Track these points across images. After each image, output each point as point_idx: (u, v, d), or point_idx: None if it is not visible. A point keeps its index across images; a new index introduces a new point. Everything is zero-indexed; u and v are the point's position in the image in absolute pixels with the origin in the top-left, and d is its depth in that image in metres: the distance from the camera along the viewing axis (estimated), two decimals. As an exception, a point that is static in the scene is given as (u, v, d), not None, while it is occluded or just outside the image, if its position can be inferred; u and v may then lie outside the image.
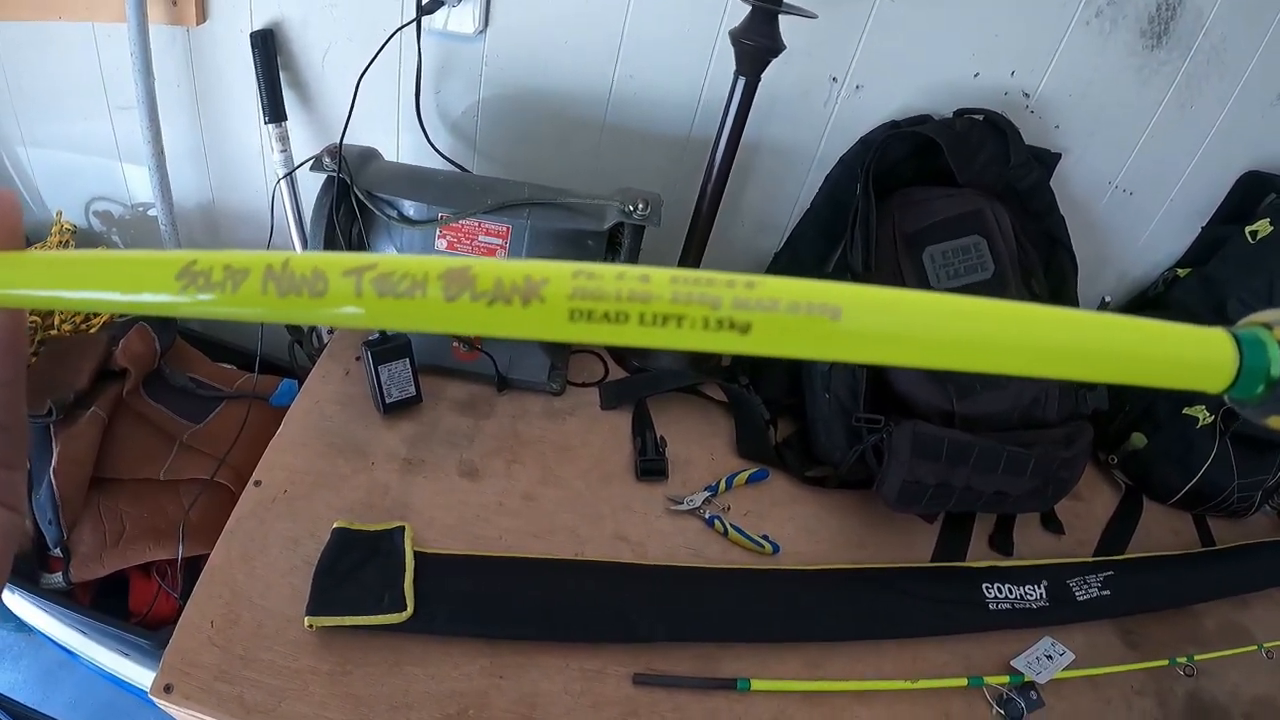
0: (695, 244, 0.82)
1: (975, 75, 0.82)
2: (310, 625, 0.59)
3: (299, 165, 0.88)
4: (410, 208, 0.73)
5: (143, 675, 0.95)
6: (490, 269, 0.16)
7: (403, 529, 0.65)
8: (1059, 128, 0.85)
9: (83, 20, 0.88)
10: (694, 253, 0.83)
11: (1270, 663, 0.74)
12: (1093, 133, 0.85)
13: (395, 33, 0.77)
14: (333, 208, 0.72)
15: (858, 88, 0.83)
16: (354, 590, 0.61)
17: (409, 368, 0.74)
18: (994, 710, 0.65)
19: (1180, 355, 0.18)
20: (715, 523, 0.73)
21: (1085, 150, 0.87)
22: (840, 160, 0.85)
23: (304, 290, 0.16)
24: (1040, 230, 0.84)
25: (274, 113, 0.87)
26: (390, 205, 0.73)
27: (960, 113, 0.82)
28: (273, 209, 0.82)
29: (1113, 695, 0.69)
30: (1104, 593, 0.75)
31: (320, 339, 0.93)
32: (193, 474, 0.85)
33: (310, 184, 0.74)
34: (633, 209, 0.70)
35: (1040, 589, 0.74)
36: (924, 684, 0.65)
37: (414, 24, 0.78)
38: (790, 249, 0.91)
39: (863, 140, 0.84)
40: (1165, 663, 0.71)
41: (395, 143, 0.92)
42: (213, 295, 0.16)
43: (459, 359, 0.80)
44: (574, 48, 0.82)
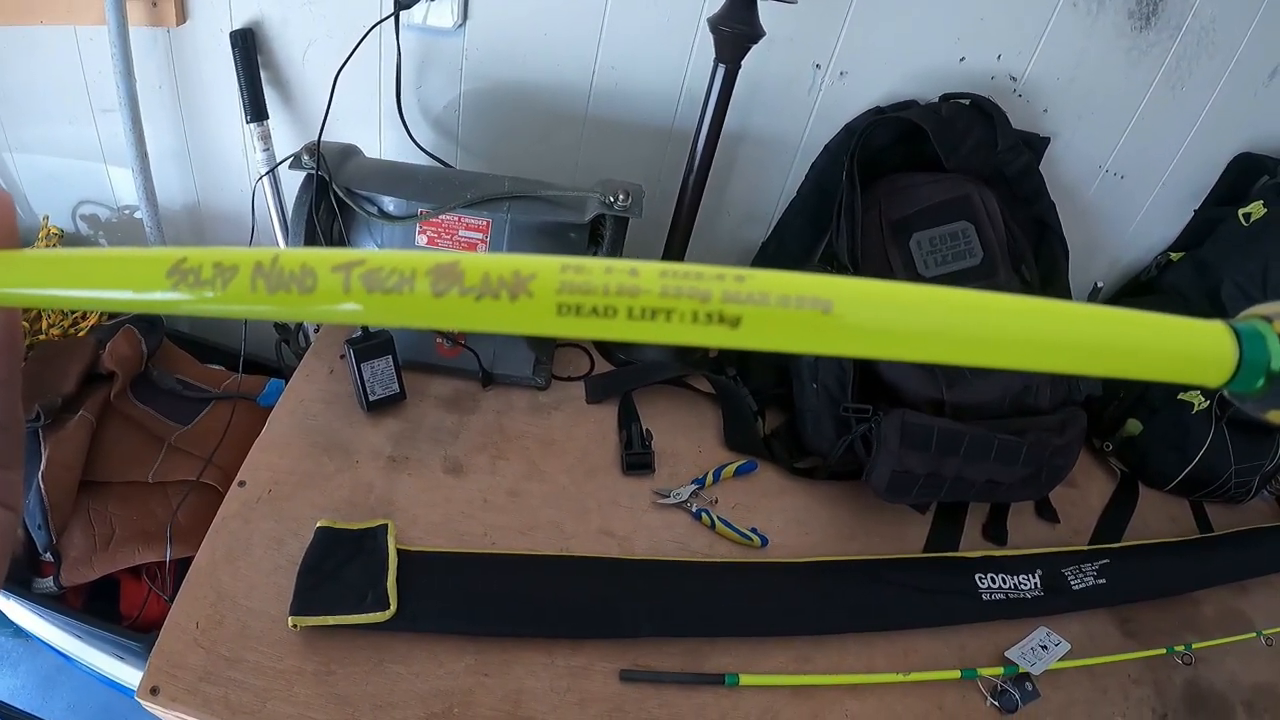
0: (679, 236, 0.81)
1: (961, 60, 0.81)
2: (294, 625, 0.58)
3: (278, 164, 0.88)
4: (390, 204, 0.73)
5: (137, 678, 0.94)
6: (478, 264, 0.16)
7: (385, 527, 0.65)
8: (1047, 111, 0.84)
9: (64, 24, 0.87)
10: (678, 244, 0.82)
11: (1269, 650, 0.73)
12: (1082, 116, 0.84)
13: (372, 28, 0.77)
14: (312, 205, 0.71)
15: (842, 74, 0.82)
16: (337, 590, 0.61)
17: (392, 365, 0.74)
18: (988, 702, 0.65)
19: (1178, 349, 0.17)
20: (703, 516, 0.73)
21: (1075, 134, 0.85)
22: (825, 148, 0.84)
23: (293, 286, 0.16)
24: (1030, 216, 0.83)
25: (255, 112, 0.87)
26: (370, 202, 0.73)
27: (946, 97, 0.81)
28: (254, 208, 0.81)
29: (1109, 685, 0.68)
30: (1100, 581, 0.74)
31: (307, 338, 0.93)
32: (181, 476, 0.85)
33: (294, 183, 0.74)
34: (613, 200, 0.69)
35: (1035, 578, 0.73)
36: (916, 676, 0.64)
37: (392, 19, 0.77)
38: (777, 239, 0.90)
39: (847, 127, 0.83)
40: (1163, 651, 0.70)
41: (378, 139, 0.91)
42: (202, 292, 0.16)
43: (443, 355, 0.80)
44: (554, 39, 0.82)
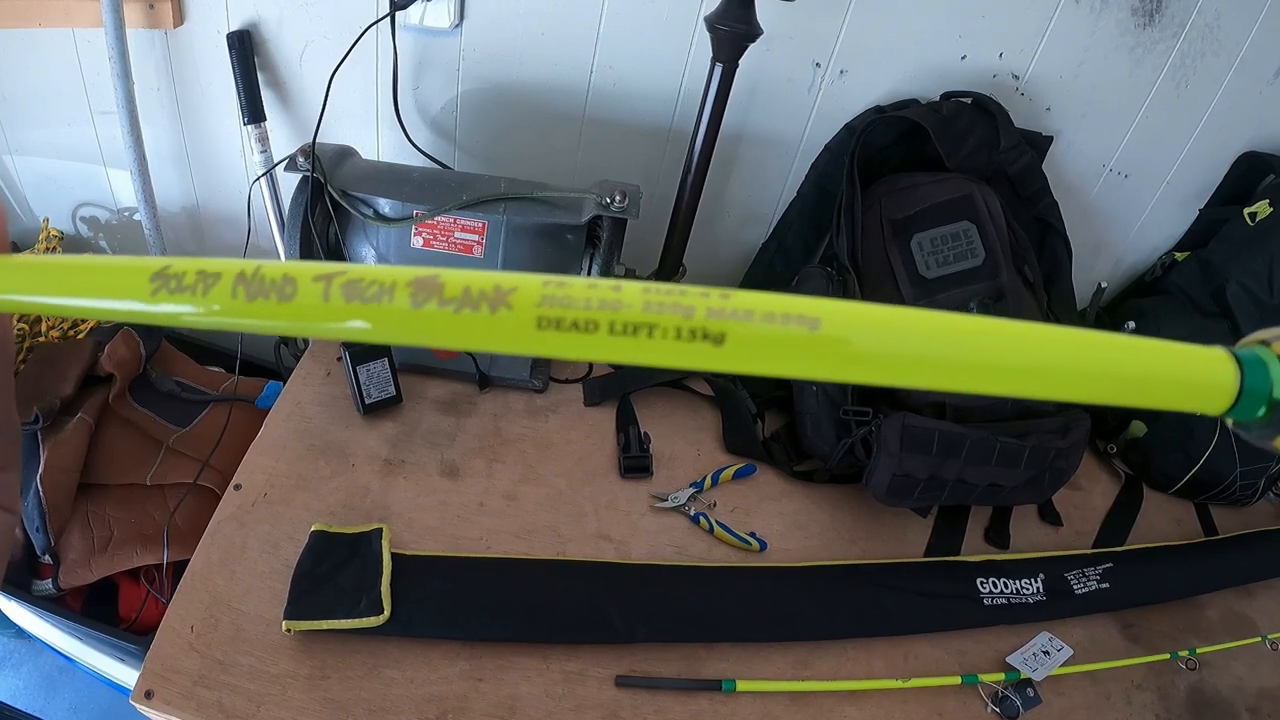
0: (677, 237, 0.81)
1: (963, 58, 0.80)
2: (288, 630, 0.58)
3: (274, 165, 0.87)
4: (386, 205, 0.72)
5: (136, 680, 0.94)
6: (459, 277, 0.16)
7: (380, 531, 0.65)
8: (1050, 110, 0.83)
9: (62, 26, 0.87)
10: (676, 245, 0.81)
11: (1275, 654, 0.72)
12: (1085, 115, 0.83)
13: (368, 29, 0.76)
14: (308, 208, 0.71)
15: (842, 73, 0.81)
16: (332, 594, 0.60)
17: (388, 368, 0.74)
18: (989, 708, 0.64)
19: (1178, 376, 0.17)
20: (700, 520, 0.72)
21: (1078, 133, 0.84)
22: (825, 148, 0.84)
23: (272, 294, 0.16)
24: (1033, 215, 0.82)
25: (253, 113, 0.87)
26: (365, 203, 0.73)
27: (948, 96, 0.80)
28: (250, 210, 0.81)
29: (1113, 690, 0.67)
30: (1103, 585, 0.73)
31: (306, 340, 0.92)
32: (179, 478, 0.84)
33: (291, 185, 0.74)
34: (610, 201, 0.68)
35: (1037, 583, 0.72)
36: (916, 683, 0.64)
37: (388, 19, 0.77)
38: (777, 240, 0.90)
39: (848, 127, 0.82)
40: (1167, 656, 0.69)
41: (375, 140, 0.91)
42: (183, 297, 0.16)
43: (439, 358, 0.79)
44: (551, 39, 0.81)
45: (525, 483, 0.73)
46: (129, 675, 0.97)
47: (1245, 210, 0.82)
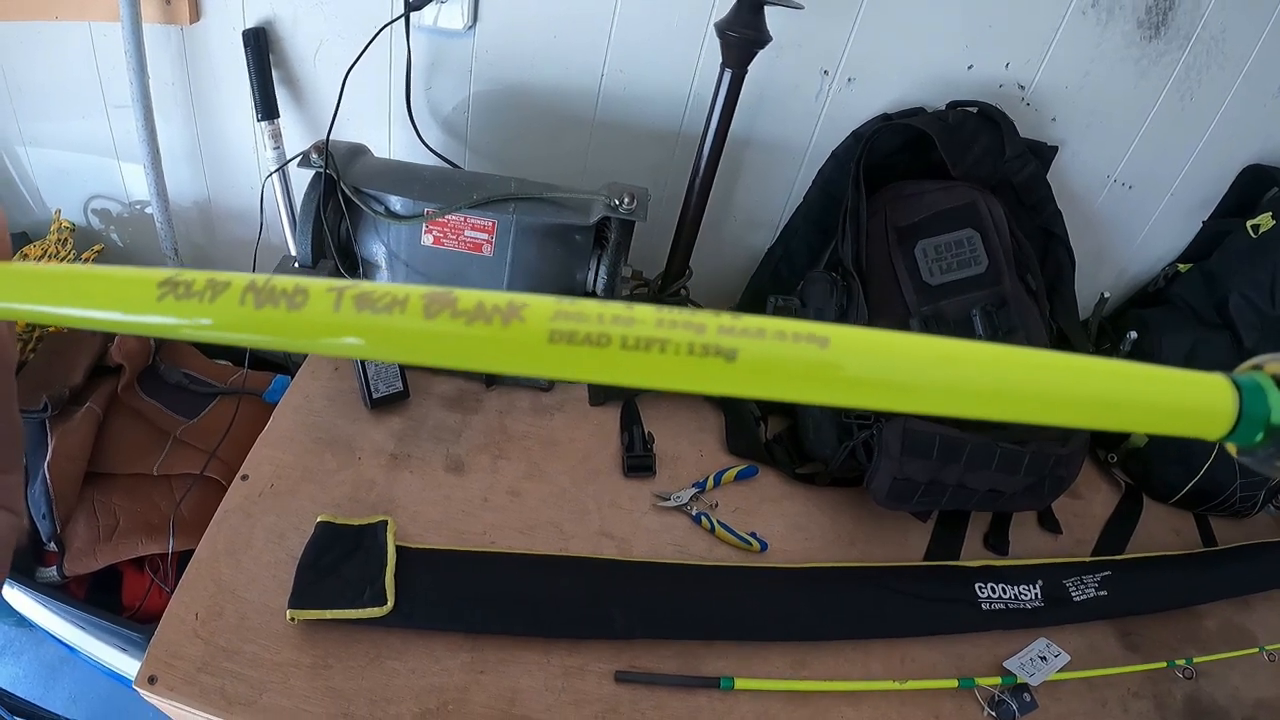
0: (684, 240, 0.81)
1: (969, 67, 0.81)
2: (292, 618, 0.59)
3: (287, 162, 0.88)
4: (397, 203, 0.73)
5: (138, 669, 0.95)
6: (474, 293, 0.16)
7: (385, 523, 0.65)
8: (1055, 120, 0.84)
9: (78, 20, 0.88)
10: (683, 249, 0.82)
11: (1272, 665, 0.72)
12: (1090, 125, 0.84)
13: (382, 29, 0.77)
14: (320, 203, 0.72)
15: (849, 80, 0.82)
16: (336, 584, 0.61)
17: (396, 362, 0.74)
18: (985, 712, 0.64)
19: (1176, 403, 0.17)
20: (702, 520, 0.73)
21: (1083, 143, 0.85)
22: (832, 154, 0.84)
23: (282, 302, 0.16)
24: (1037, 225, 0.83)
25: (266, 110, 0.88)
26: (377, 200, 0.73)
27: (954, 105, 0.81)
28: (262, 205, 0.82)
29: (1109, 697, 0.68)
30: (1101, 593, 0.73)
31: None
32: (185, 469, 0.85)
33: (304, 181, 0.75)
34: (618, 203, 0.69)
35: (1035, 589, 0.73)
36: (913, 685, 0.64)
37: (403, 20, 0.78)
38: (783, 244, 0.90)
39: (854, 134, 0.83)
40: (1164, 665, 0.70)
41: (387, 139, 0.92)
42: (191, 304, 0.16)
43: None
44: (563, 42, 0.82)
45: (529, 479, 0.74)
46: (130, 665, 0.97)
47: (1248, 222, 0.82)
